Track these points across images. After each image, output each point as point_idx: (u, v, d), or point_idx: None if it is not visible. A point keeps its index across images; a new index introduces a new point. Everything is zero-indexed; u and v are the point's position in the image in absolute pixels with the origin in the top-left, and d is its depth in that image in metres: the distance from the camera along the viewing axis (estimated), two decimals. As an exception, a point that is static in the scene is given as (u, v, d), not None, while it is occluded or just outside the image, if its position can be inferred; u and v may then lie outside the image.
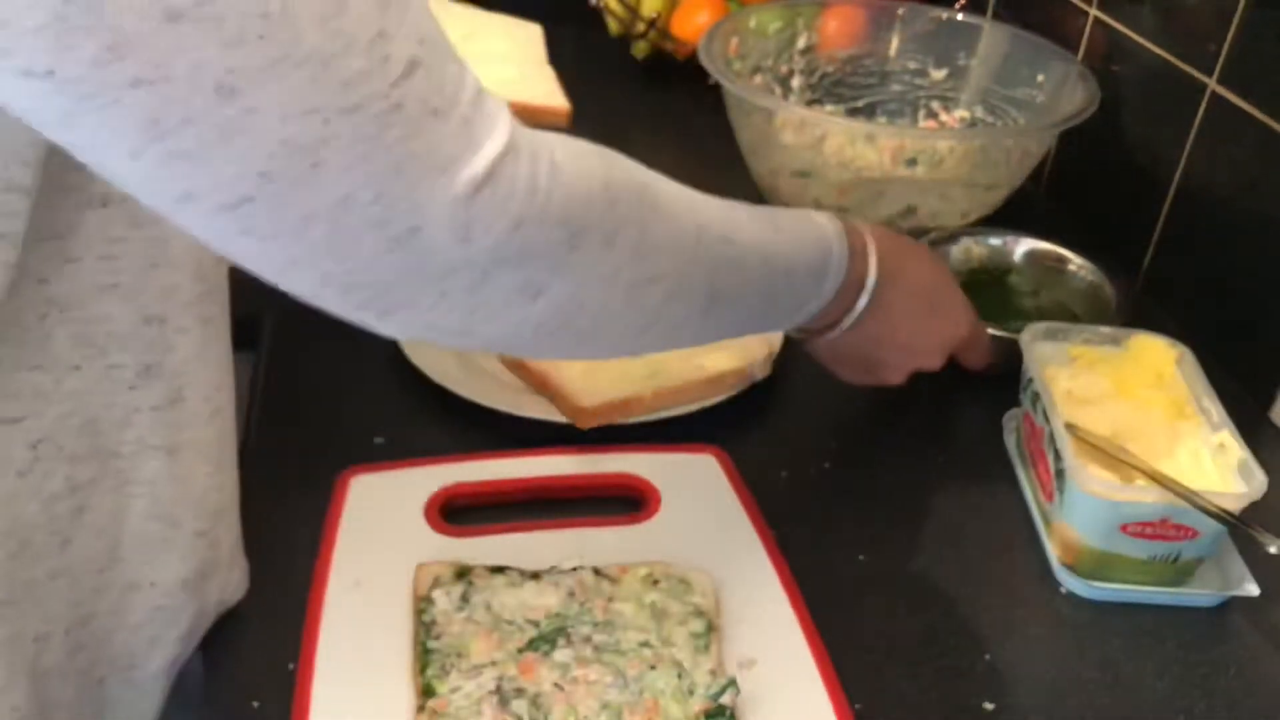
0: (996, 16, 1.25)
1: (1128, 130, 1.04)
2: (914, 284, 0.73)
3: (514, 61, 0.94)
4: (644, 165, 0.53)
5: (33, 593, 0.52)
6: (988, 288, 0.93)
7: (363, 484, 0.72)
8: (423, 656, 0.61)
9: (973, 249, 0.96)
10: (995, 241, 0.96)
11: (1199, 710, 0.64)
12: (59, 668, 0.55)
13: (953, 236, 0.96)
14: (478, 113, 0.44)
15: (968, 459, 0.81)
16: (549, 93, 0.91)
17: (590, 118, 1.31)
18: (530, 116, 0.73)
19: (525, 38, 0.99)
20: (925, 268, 0.75)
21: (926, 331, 0.76)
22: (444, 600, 0.63)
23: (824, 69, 1.17)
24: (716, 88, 1.04)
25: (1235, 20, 0.88)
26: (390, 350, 0.83)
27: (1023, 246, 0.96)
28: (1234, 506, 0.66)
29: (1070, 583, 0.70)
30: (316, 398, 0.82)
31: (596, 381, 0.79)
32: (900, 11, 1.16)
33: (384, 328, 0.47)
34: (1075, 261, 0.94)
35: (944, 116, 1.16)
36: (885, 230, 0.73)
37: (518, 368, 0.83)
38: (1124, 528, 0.67)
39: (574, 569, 0.65)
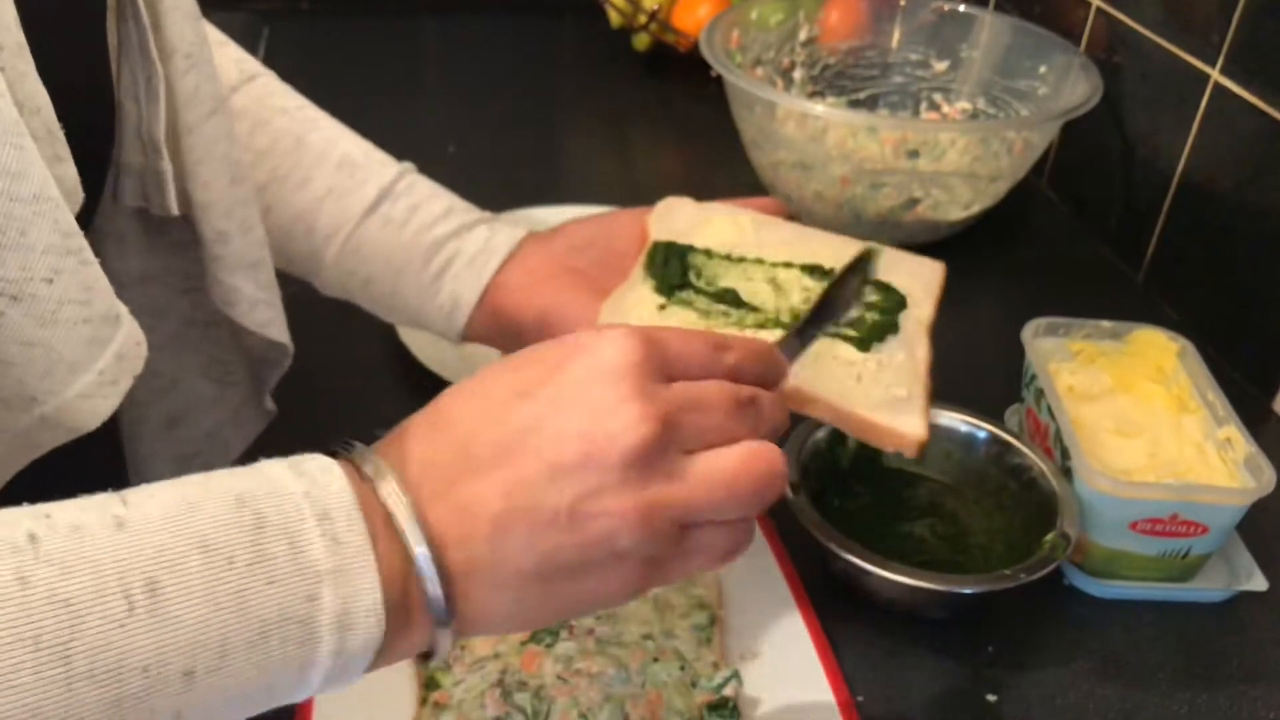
0: (998, 8, 1.25)
1: (1130, 121, 1.04)
2: (523, 555, 0.41)
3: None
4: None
5: None
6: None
7: (365, 477, 0.72)
8: (425, 649, 0.61)
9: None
10: None
11: (1201, 702, 0.64)
12: None
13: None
14: None
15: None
16: (903, 406, 0.60)
17: (591, 111, 1.32)
18: (866, 434, 0.59)
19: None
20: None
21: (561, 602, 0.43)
22: (446, 593, 0.63)
23: (825, 61, 1.17)
24: (718, 80, 1.04)
25: (1238, 10, 0.88)
26: (390, 344, 0.83)
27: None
28: (1243, 502, 0.66)
29: (1078, 580, 0.70)
30: (316, 392, 0.82)
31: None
32: (902, 3, 1.16)
33: None
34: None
35: (946, 108, 1.16)
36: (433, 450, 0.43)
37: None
38: (1133, 525, 0.67)
39: (576, 562, 0.65)
